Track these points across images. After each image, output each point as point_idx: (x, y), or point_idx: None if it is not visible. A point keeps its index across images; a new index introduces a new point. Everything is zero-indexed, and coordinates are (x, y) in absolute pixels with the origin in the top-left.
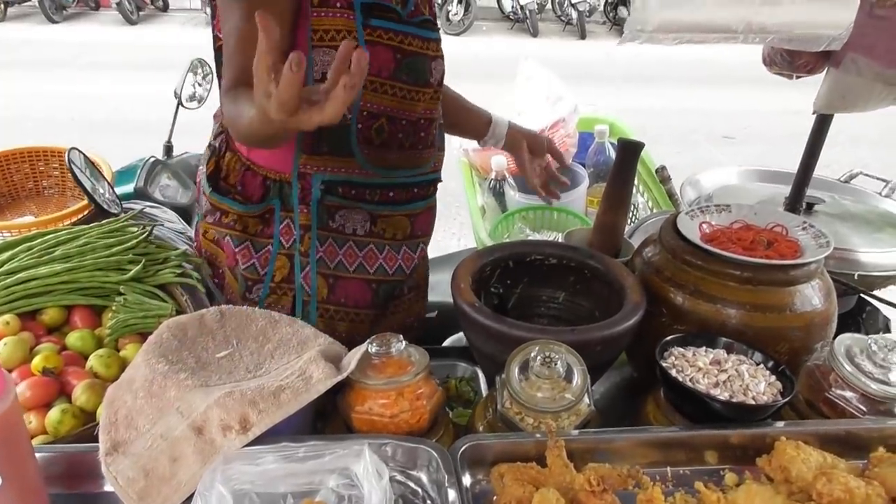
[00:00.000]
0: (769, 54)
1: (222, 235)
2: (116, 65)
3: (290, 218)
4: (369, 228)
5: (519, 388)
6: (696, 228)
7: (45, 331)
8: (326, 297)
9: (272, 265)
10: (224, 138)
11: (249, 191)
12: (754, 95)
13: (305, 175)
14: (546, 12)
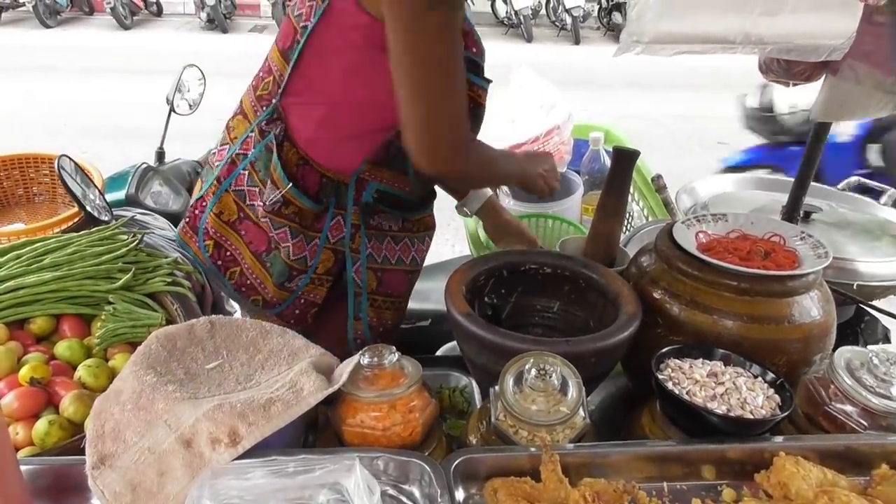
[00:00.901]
0: (766, 62)
1: (278, 225)
2: (110, 70)
3: (342, 216)
4: (402, 224)
5: (513, 401)
6: (692, 238)
7: (34, 340)
8: (375, 288)
9: (318, 258)
10: (283, 127)
11: (306, 184)
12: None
13: (363, 181)
14: (540, 18)
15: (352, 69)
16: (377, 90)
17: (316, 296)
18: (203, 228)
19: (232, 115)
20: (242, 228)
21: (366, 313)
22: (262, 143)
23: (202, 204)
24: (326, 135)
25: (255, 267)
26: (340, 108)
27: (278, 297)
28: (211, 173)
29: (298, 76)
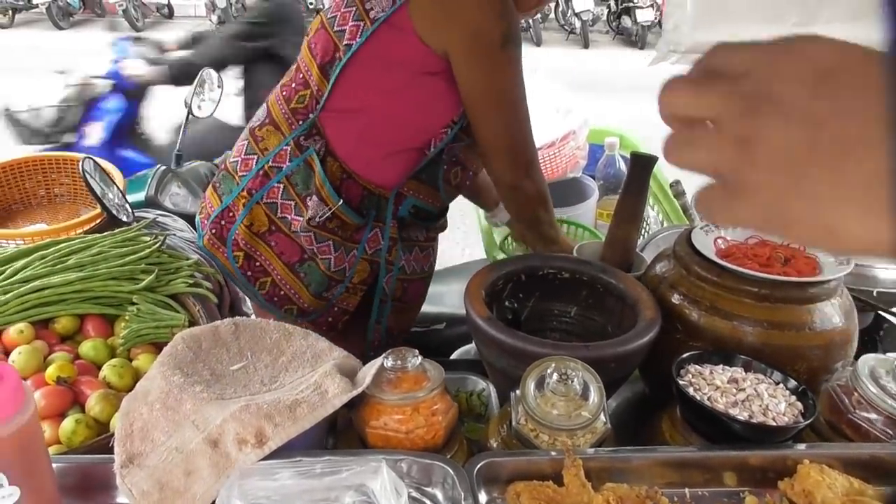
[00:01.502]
0: None
1: (322, 239)
2: None
3: (380, 229)
4: (426, 235)
5: (534, 405)
6: (710, 244)
7: (58, 339)
8: (400, 297)
9: (355, 268)
10: (323, 142)
11: (349, 197)
12: None
13: (402, 195)
14: (549, 21)
15: (396, 89)
16: (418, 110)
17: (349, 304)
18: (232, 239)
19: (258, 124)
20: (273, 240)
21: (386, 318)
22: (301, 158)
23: (230, 215)
24: (366, 149)
25: (287, 277)
26: (379, 124)
27: (314, 306)
28: (233, 182)
29: (339, 94)
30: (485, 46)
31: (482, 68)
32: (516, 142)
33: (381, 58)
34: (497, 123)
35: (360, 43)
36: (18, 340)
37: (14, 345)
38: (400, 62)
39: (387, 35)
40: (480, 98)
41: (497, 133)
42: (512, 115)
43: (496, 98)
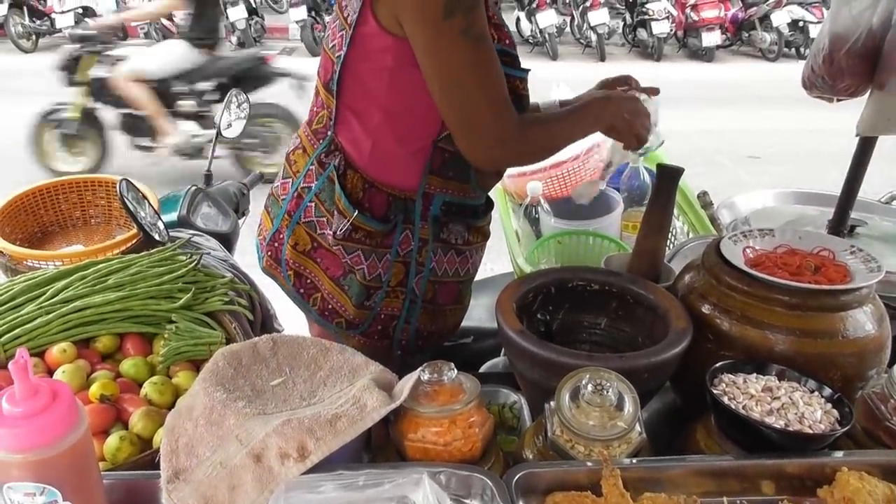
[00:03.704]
0: (809, 77)
1: (351, 250)
2: None
3: (410, 230)
4: (467, 238)
5: (570, 416)
6: (739, 253)
7: (100, 358)
8: (431, 298)
9: (390, 271)
10: (342, 157)
11: (374, 206)
12: (776, 114)
13: (429, 195)
14: (565, 35)
15: (390, 88)
16: (417, 103)
17: (394, 308)
18: (284, 260)
19: (292, 149)
20: (318, 256)
21: (416, 319)
22: (324, 175)
23: (279, 237)
24: (380, 154)
25: (334, 291)
26: (386, 126)
27: (359, 317)
28: (277, 206)
29: (343, 105)
30: (428, 19)
31: (427, 41)
32: (474, 117)
33: (364, 59)
34: (450, 98)
35: (346, 51)
36: (62, 359)
37: (57, 364)
38: (379, 58)
39: (362, 34)
40: (431, 74)
41: (451, 108)
42: (465, 89)
43: (445, 71)
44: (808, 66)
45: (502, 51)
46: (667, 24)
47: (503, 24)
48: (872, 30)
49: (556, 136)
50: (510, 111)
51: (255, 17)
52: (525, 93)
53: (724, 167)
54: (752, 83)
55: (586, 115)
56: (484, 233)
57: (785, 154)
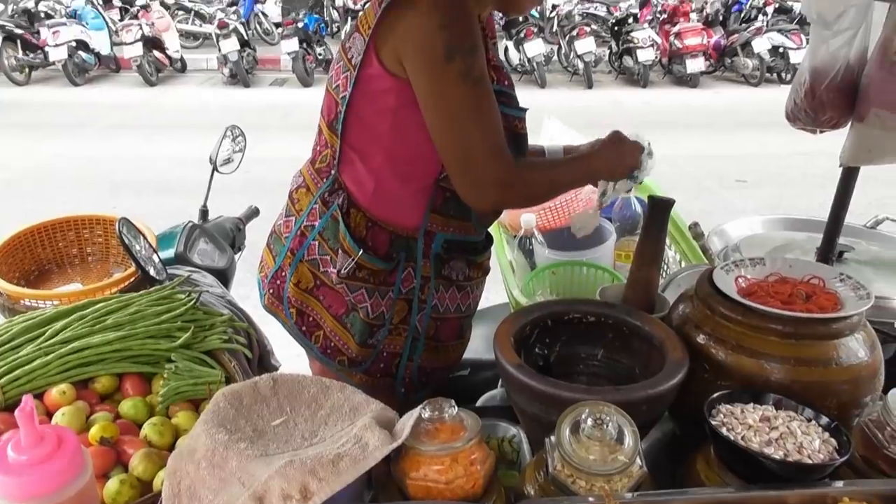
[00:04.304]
0: (793, 110)
1: (354, 288)
2: (137, 125)
3: (412, 268)
4: (467, 273)
5: (571, 450)
6: (732, 283)
7: (99, 399)
8: (432, 335)
9: (393, 309)
10: (345, 196)
11: (377, 245)
12: (762, 139)
13: (431, 233)
14: (553, 64)
15: (393, 129)
16: (420, 143)
17: (396, 346)
18: (286, 298)
19: (295, 187)
20: (321, 294)
21: (419, 356)
22: (328, 214)
23: (282, 274)
24: (383, 193)
25: (336, 329)
26: (389, 165)
27: (362, 354)
28: (280, 244)
29: (347, 145)
30: (429, 60)
31: (427, 83)
32: (472, 158)
33: (368, 100)
34: (448, 140)
35: (351, 91)
36: (61, 401)
37: (57, 406)
38: (382, 99)
39: (366, 75)
40: (431, 115)
41: (449, 148)
42: (463, 131)
43: (444, 113)
44: (791, 99)
45: (501, 91)
46: (652, 51)
47: (502, 65)
48: (850, 65)
49: (552, 183)
50: (507, 154)
51: (246, 49)
52: (523, 132)
53: (712, 191)
54: (736, 108)
55: (585, 168)
56: (484, 268)
57: (772, 177)
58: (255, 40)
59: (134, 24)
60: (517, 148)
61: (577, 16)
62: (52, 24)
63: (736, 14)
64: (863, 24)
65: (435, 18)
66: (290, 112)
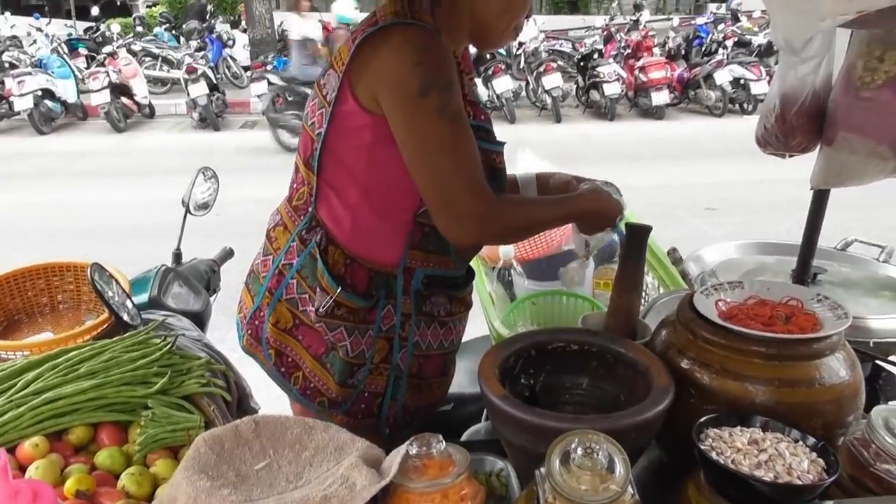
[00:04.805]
0: (763, 136)
1: (333, 327)
2: (106, 172)
3: (392, 305)
4: (449, 309)
5: (561, 481)
6: (712, 307)
7: (73, 450)
8: (415, 372)
9: (373, 348)
10: (323, 233)
11: (356, 282)
12: (728, 168)
13: (410, 269)
14: (521, 99)
15: (369, 165)
16: (396, 178)
17: (378, 386)
18: (265, 338)
19: (273, 226)
20: (300, 334)
21: (402, 395)
22: (306, 252)
23: (260, 314)
24: (361, 230)
25: (316, 369)
26: (366, 202)
27: (342, 395)
28: (258, 284)
29: (324, 182)
30: (404, 96)
31: (404, 118)
32: (452, 194)
33: (343, 136)
34: (427, 175)
35: (326, 128)
36: (34, 455)
37: (30, 460)
38: (357, 136)
39: (341, 112)
40: (408, 151)
41: (428, 184)
42: (441, 166)
43: (421, 149)
44: (761, 124)
45: (478, 126)
46: (618, 85)
47: (477, 100)
48: (816, 91)
49: (532, 221)
50: (487, 189)
51: (216, 93)
52: (501, 166)
53: (683, 220)
54: (701, 138)
55: (566, 211)
56: (466, 303)
57: (740, 205)
58: (224, 84)
59: (101, 71)
60: (495, 182)
61: (543, 52)
62: (16, 74)
63: (697, 48)
64: (828, 51)
65: (409, 54)
66: (261, 154)
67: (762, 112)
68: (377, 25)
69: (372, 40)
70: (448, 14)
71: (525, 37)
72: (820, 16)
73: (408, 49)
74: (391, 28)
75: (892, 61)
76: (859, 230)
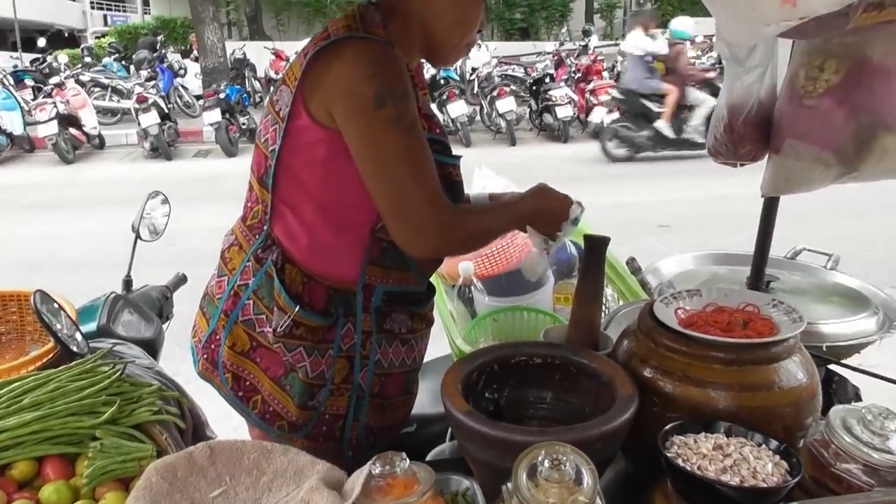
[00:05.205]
0: (714, 146)
1: (292, 347)
2: (54, 204)
3: (352, 323)
4: (411, 326)
5: (529, 496)
6: (672, 315)
7: (16, 486)
8: (377, 392)
9: (333, 367)
10: (279, 251)
11: (314, 300)
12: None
13: (370, 286)
14: (476, 123)
15: (324, 180)
16: (352, 193)
17: (339, 407)
18: (221, 362)
19: (227, 246)
20: (257, 356)
21: (364, 415)
22: (262, 271)
23: (216, 338)
24: (318, 247)
25: (275, 392)
26: (322, 218)
27: (302, 418)
28: (213, 306)
29: (279, 199)
30: (359, 108)
31: (359, 131)
32: (410, 205)
33: (298, 152)
34: (383, 187)
35: (280, 144)
36: None
37: None
38: (312, 151)
39: (295, 127)
40: (364, 164)
41: (386, 196)
42: (398, 177)
43: (377, 161)
44: (712, 135)
45: (434, 139)
46: (570, 108)
47: (432, 114)
48: (762, 100)
49: (488, 228)
50: (444, 199)
51: (167, 122)
52: (458, 179)
53: (637, 237)
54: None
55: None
56: (427, 319)
57: (692, 221)
58: (176, 113)
59: (48, 102)
60: (453, 195)
61: (496, 77)
62: None
63: None
64: (771, 61)
65: (362, 67)
66: (215, 182)
67: (712, 122)
68: (329, 39)
69: (324, 54)
70: (400, 29)
71: (478, 62)
72: (764, 21)
73: (361, 62)
74: (343, 42)
75: (831, 70)
76: (805, 243)
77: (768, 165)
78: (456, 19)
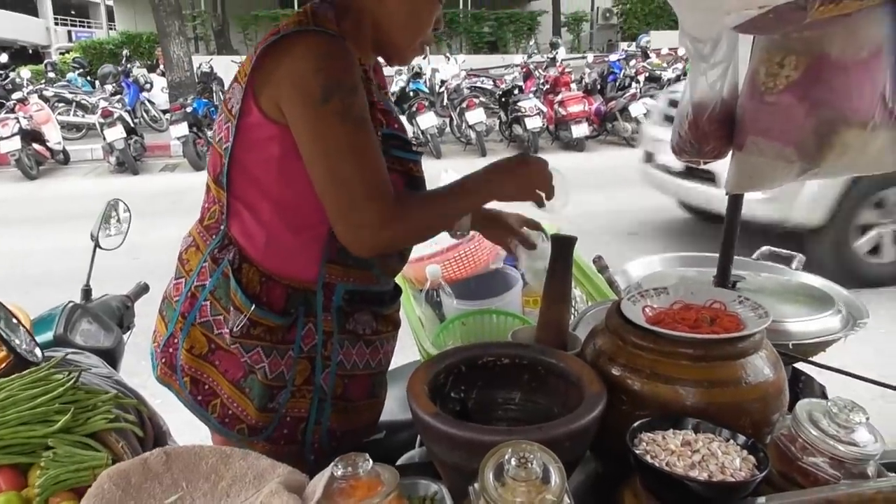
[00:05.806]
0: (678, 144)
1: (249, 348)
2: (16, 220)
3: (313, 323)
4: (375, 327)
5: (496, 496)
6: (640, 313)
7: None
8: (340, 394)
9: (294, 369)
10: (236, 251)
11: (272, 300)
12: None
13: (330, 285)
14: (446, 135)
15: (279, 177)
16: (307, 190)
17: (300, 409)
18: (179, 366)
19: (185, 248)
20: (216, 359)
21: (327, 418)
22: (219, 271)
23: (174, 341)
24: (275, 245)
25: (234, 395)
26: (278, 216)
27: (262, 420)
28: (171, 309)
29: (234, 198)
30: (306, 103)
31: (306, 125)
32: (350, 200)
33: (250, 149)
34: (327, 180)
35: (233, 141)
36: None
37: None
38: (265, 148)
39: (247, 124)
40: (310, 158)
41: (328, 191)
42: (342, 172)
43: (323, 155)
44: (676, 132)
45: (392, 135)
46: (539, 119)
47: (391, 109)
48: (725, 97)
49: (443, 210)
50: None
51: (133, 137)
52: (419, 174)
53: (607, 244)
54: (620, 168)
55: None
56: (393, 321)
57: (658, 229)
58: (142, 128)
59: (10, 118)
60: (416, 190)
61: (465, 89)
62: None
63: (612, 83)
64: (733, 57)
65: (311, 61)
66: (182, 196)
67: (677, 119)
68: (279, 34)
69: (274, 49)
70: (353, 26)
71: (447, 74)
72: (725, 10)
73: (310, 56)
74: (294, 36)
75: (791, 66)
76: None
77: (732, 162)
78: (408, 18)
